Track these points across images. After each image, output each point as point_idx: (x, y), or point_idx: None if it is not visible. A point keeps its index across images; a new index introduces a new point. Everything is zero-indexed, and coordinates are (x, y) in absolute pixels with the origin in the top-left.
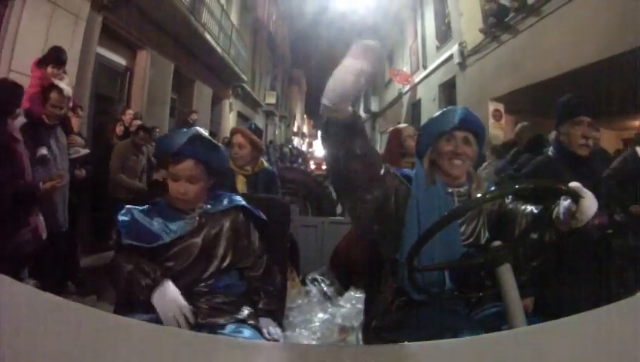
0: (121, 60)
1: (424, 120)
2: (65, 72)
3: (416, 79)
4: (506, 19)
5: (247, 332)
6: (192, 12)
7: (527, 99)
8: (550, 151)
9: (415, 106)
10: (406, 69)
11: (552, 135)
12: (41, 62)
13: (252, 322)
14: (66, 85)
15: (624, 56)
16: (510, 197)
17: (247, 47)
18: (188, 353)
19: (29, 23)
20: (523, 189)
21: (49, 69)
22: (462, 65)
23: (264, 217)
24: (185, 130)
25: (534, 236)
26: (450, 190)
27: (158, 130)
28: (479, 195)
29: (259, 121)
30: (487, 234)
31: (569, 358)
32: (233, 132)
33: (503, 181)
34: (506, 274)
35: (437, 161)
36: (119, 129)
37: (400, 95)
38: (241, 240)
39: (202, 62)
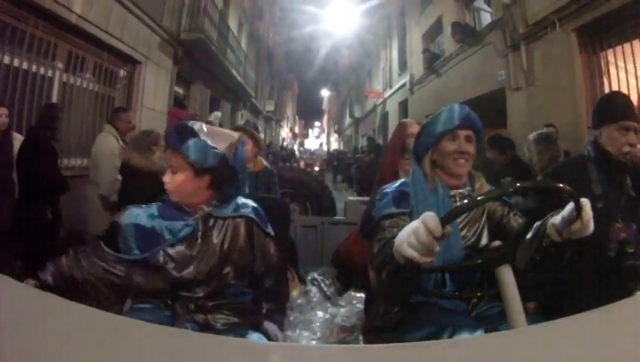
0: (181, 91)
1: (391, 129)
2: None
3: (386, 95)
4: (434, 64)
5: (255, 337)
6: (224, 56)
7: None
8: (586, 151)
9: (385, 117)
10: (379, 86)
11: (591, 136)
12: (179, 106)
13: (260, 328)
14: None
15: (487, 95)
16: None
17: (252, 66)
18: (188, 353)
19: (148, 76)
20: (523, 188)
21: (185, 110)
22: (411, 91)
23: (271, 232)
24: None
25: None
26: (452, 193)
27: None
28: (479, 195)
29: (260, 125)
30: (488, 238)
31: (569, 358)
32: (235, 130)
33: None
34: (506, 274)
35: (438, 162)
36: None
37: (375, 107)
38: (255, 248)
39: (225, 86)
